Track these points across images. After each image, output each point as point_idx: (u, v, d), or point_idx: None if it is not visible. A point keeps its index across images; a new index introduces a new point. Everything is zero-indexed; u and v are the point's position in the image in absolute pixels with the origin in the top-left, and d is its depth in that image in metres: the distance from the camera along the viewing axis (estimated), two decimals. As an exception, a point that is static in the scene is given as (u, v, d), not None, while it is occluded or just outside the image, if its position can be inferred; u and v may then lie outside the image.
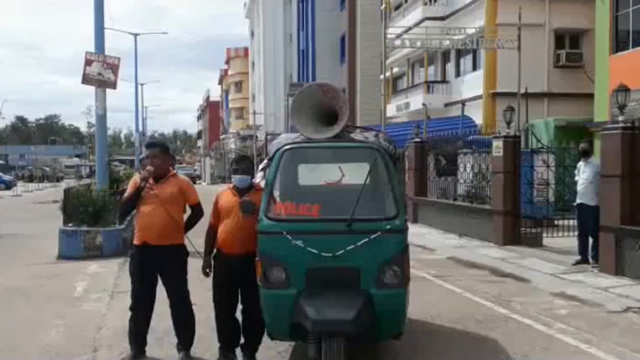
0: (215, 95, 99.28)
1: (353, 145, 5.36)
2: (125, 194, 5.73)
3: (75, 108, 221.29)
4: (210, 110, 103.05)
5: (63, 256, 11.55)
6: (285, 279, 4.89)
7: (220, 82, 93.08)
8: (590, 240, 10.30)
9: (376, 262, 4.86)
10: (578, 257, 10.55)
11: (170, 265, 5.59)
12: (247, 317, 5.55)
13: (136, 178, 5.74)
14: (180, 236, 5.67)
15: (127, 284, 8.96)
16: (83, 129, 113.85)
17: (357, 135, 5.65)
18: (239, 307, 5.61)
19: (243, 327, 5.61)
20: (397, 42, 23.40)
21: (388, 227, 4.90)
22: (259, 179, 5.49)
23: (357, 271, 4.84)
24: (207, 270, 5.65)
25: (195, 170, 68.06)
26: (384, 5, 32.69)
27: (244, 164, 5.68)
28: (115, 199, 12.44)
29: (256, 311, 5.42)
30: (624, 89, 9.72)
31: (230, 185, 5.73)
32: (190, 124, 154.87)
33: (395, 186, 5.21)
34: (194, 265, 5.80)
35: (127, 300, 7.76)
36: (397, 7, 30.62)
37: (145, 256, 5.54)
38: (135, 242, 5.62)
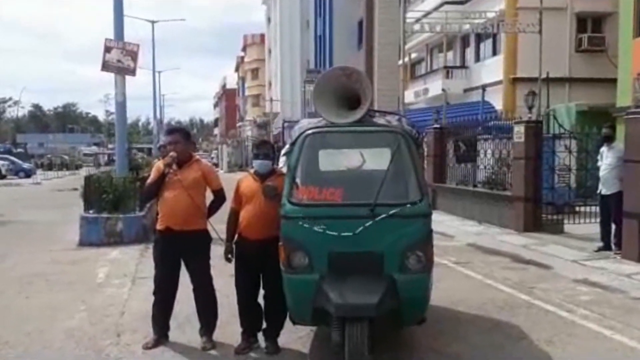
0: (232, 82, 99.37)
1: (376, 130, 5.31)
2: (149, 180, 5.74)
3: (92, 96, 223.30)
4: (227, 98, 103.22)
5: (84, 242, 11.64)
6: (308, 264, 4.87)
7: (237, 70, 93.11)
8: (613, 226, 10.18)
9: (400, 247, 4.82)
10: (600, 244, 10.44)
11: (193, 251, 5.61)
12: (269, 302, 5.56)
13: (159, 164, 5.75)
14: (203, 222, 5.68)
15: (148, 269, 9.07)
16: (101, 117, 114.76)
17: (379, 119, 5.60)
18: (261, 292, 5.62)
19: (265, 312, 5.62)
20: (417, 27, 23.16)
21: (412, 211, 4.85)
22: (282, 164, 5.46)
23: (381, 256, 4.81)
24: (229, 255, 5.65)
25: (212, 158, 68.27)
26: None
27: (265, 148, 5.66)
28: (136, 186, 12.50)
29: (278, 296, 5.42)
30: (648, 73, 9.52)
31: (251, 171, 5.72)
32: (207, 111, 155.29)
33: (419, 171, 5.16)
34: (215, 251, 5.82)
35: (149, 286, 7.83)
36: (416, -8, 30.28)
37: (169, 242, 5.55)
38: (159, 227, 5.63)
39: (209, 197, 5.82)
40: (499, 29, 22.17)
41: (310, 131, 5.26)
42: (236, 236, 5.61)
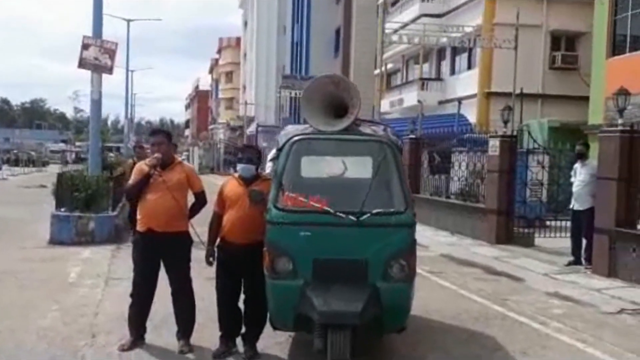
0: (205, 84, 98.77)
1: (364, 139, 5.35)
2: (131, 181, 5.67)
3: (61, 93, 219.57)
4: (199, 100, 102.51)
5: (54, 241, 11.45)
6: (293, 270, 4.87)
7: (211, 72, 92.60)
8: (584, 241, 10.38)
9: (384, 255, 4.86)
10: (571, 258, 10.62)
11: (175, 252, 5.57)
12: (250, 306, 5.54)
13: (142, 165, 5.69)
14: (185, 223, 5.65)
15: (121, 270, 9.04)
16: (69, 114, 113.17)
17: (365, 128, 5.63)
18: (241, 297, 5.60)
19: (245, 316, 5.59)
20: (395, 38, 23.36)
21: (397, 221, 4.89)
22: (268, 169, 5.45)
23: (365, 264, 4.84)
24: (211, 259, 5.62)
25: (183, 159, 67.62)
26: (380, 0, 32.72)
27: (249, 153, 5.65)
28: (110, 185, 12.37)
29: (259, 301, 5.42)
30: (624, 93, 9.76)
31: (236, 175, 5.70)
32: (178, 112, 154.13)
33: (404, 180, 5.21)
34: (193, 254, 5.77)
35: (122, 287, 7.81)
36: (394, 3, 30.58)
37: (150, 243, 5.50)
38: (140, 229, 5.57)
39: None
40: (476, 43, 22.48)
41: (297, 137, 5.28)
42: (218, 240, 5.58)
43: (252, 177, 5.53)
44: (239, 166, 5.60)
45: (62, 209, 11.86)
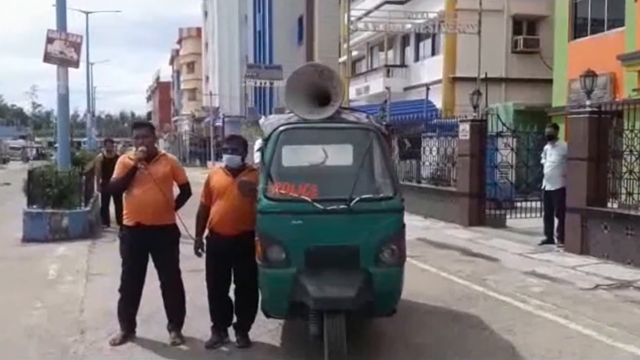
0: (166, 76, 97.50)
1: (350, 126, 5.39)
2: (116, 175, 5.61)
3: (18, 88, 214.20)
4: (161, 91, 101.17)
5: (27, 238, 11.23)
6: (285, 259, 4.91)
7: (172, 63, 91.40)
8: (556, 220, 10.64)
9: (375, 241, 4.93)
10: (544, 237, 10.89)
11: (164, 245, 5.56)
12: (241, 296, 5.57)
13: (126, 159, 5.65)
14: (172, 216, 5.64)
15: (100, 265, 8.98)
16: (27, 109, 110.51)
17: (349, 116, 5.68)
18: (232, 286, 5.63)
19: (236, 306, 5.63)
20: (361, 25, 23.41)
21: (387, 206, 4.97)
22: (257, 159, 5.46)
23: (357, 250, 4.90)
24: (200, 251, 5.62)
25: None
26: (343, -12, 32.69)
27: (234, 143, 5.64)
28: (81, 180, 12.20)
29: (250, 290, 5.47)
30: (591, 75, 10.00)
31: (222, 165, 5.71)
32: (139, 105, 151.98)
33: (391, 166, 5.28)
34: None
35: (104, 282, 7.79)
36: (357, -10, 30.58)
37: (139, 237, 5.47)
38: (127, 223, 5.53)
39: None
40: (440, 29, 22.68)
41: (283, 127, 5.30)
42: (207, 231, 5.59)
43: (239, 167, 5.54)
44: (225, 157, 5.61)
45: (34, 206, 11.66)
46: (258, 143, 5.69)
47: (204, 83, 69.83)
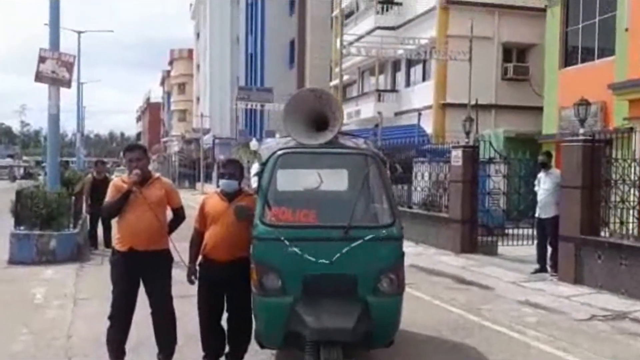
0: (157, 96, 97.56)
1: (348, 152, 5.33)
2: (109, 198, 5.48)
3: (6, 106, 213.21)
4: (151, 112, 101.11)
5: (14, 261, 11.02)
6: (282, 287, 4.80)
7: (162, 84, 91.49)
8: (549, 249, 10.59)
9: (373, 270, 4.84)
10: (537, 266, 10.82)
11: (156, 271, 5.40)
12: (234, 324, 5.43)
13: (119, 182, 5.53)
14: (166, 241, 5.50)
15: (88, 289, 8.79)
16: (15, 128, 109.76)
17: (346, 141, 5.62)
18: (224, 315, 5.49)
19: (228, 335, 5.48)
20: (353, 50, 23.53)
21: (386, 234, 4.88)
22: (254, 184, 5.37)
23: (355, 279, 4.81)
24: (193, 277, 5.49)
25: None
26: (334, 12, 32.94)
27: (231, 167, 5.55)
28: (70, 202, 12.03)
29: (243, 319, 5.34)
30: (584, 103, 10.04)
31: (218, 190, 5.61)
32: (129, 125, 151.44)
33: (390, 193, 5.21)
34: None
35: (92, 307, 7.61)
36: (349, 15, 30.82)
37: (131, 263, 5.32)
38: (119, 248, 5.38)
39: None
40: (431, 55, 22.83)
41: (281, 152, 5.22)
42: (200, 257, 5.46)
43: (235, 192, 5.44)
44: (221, 182, 5.50)
45: (21, 227, 11.45)
46: (255, 167, 5.60)
47: (194, 104, 69.84)
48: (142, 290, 5.51)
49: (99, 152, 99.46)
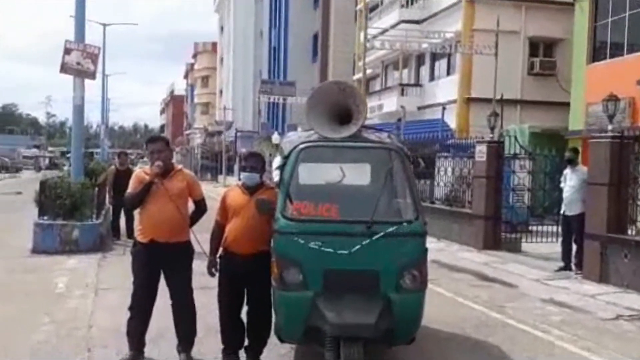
0: (180, 89, 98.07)
1: (372, 146, 5.26)
2: (131, 190, 5.47)
3: (33, 97, 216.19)
4: (174, 105, 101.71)
5: (37, 250, 11.11)
6: (303, 281, 4.75)
7: (186, 76, 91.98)
8: (574, 247, 10.41)
9: (396, 265, 4.76)
10: (561, 264, 10.64)
11: (177, 263, 5.40)
12: (254, 318, 5.40)
13: (141, 174, 5.52)
14: (187, 233, 5.48)
15: (109, 280, 8.84)
16: (41, 119, 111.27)
17: (370, 135, 5.55)
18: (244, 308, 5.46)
19: (248, 329, 5.45)
20: (377, 44, 23.36)
21: (409, 230, 4.80)
22: (275, 177, 5.32)
23: (377, 274, 4.74)
24: (213, 270, 5.46)
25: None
26: (359, 6, 32.76)
27: (253, 160, 5.50)
28: (94, 192, 12.12)
29: (263, 312, 5.31)
30: (614, 99, 9.83)
31: (239, 183, 5.57)
32: (152, 117, 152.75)
33: (414, 189, 5.11)
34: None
35: (113, 297, 7.65)
36: (373, 9, 30.62)
37: (153, 254, 5.31)
38: (141, 239, 5.38)
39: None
40: (456, 49, 22.58)
41: (304, 145, 5.15)
42: (221, 250, 5.43)
43: (256, 185, 5.39)
44: (243, 174, 5.47)
45: (45, 217, 11.55)
46: (277, 161, 5.54)
47: (217, 97, 70.11)
48: (162, 281, 5.51)
49: (123, 143, 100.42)
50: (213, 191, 27.15)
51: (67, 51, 12.77)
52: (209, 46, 76.43)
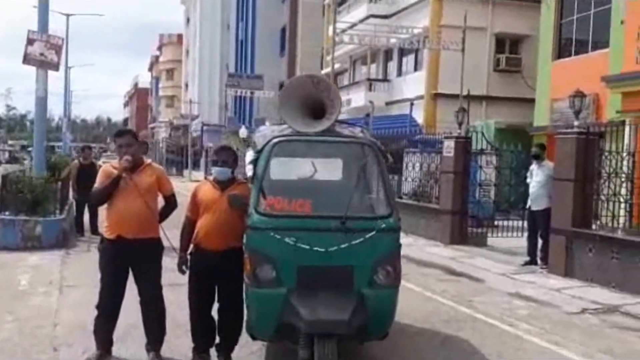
0: (145, 82, 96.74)
1: (346, 141, 5.21)
2: (99, 184, 5.33)
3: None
4: (139, 98, 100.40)
5: (-2, 246, 10.83)
6: (276, 277, 4.68)
7: (151, 69, 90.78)
8: (540, 241, 10.56)
9: (370, 261, 4.74)
10: (527, 258, 10.79)
11: (146, 260, 5.27)
12: (225, 315, 5.30)
13: (109, 168, 5.38)
14: (156, 229, 5.35)
15: (74, 277, 8.65)
16: (1, 111, 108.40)
17: (343, 130, 5.51)
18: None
19: (219, 326, 5.37)
20: (346, 38, 23.35)
21: (383, 225, 4.78)
22: (249, 172, 5.24)
23: (350, 270, 4.71)
24: (183, 267, 5.36)
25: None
26: (326, 0, 32.72)
27: (224, 155, 5.39)
28: (57, 187, 11.84)
29: (234, 310, 5.23)
30: (580, 95, 9.97)
31: (210, 178, 5.47)
32: (115, 110, 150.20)
33: (388, 183, 5.10)
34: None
35: (78, 295, 7.49)
36: (342, 3, 30.59)
37: (120, 251, 5.18)
38: (108, 235, 5.24)
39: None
40: (424, 44, 22.70)
41: (277, 139, 5.08)
42: (192, 246, 5.34)
43: (228, 180, 5.30)
44: (214, 169, 5.36)
45: (6, 213, 11.24)
46: (249, 155, 5.45)
47: (183, 90, 69.33)
48: (130, 278, 5.39)
49: (85, 137, 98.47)
50: (180, 186, 26.79)
51: (30, 42, 12.45)
52: (175, 38, 75.55)
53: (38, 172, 12.23)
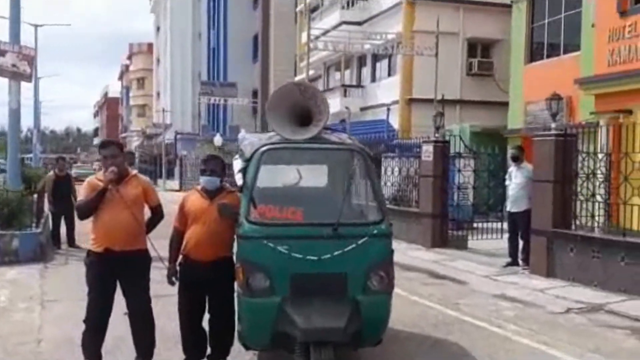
0: (115, 91, 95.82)
1: (335, 147, 5.19)
2: (84, 197, 5.22)
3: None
4: (109, 107, 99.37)
5: (-27, 262, 10.58)
6: (270, 286, 4.64)
7: (121, 78, 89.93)
8: (521, 242, 10.65)
9: (363, 267, 4.73)
10: (508, 259, 10.88)
11: (134, 272, 5.18)
12: (216, 326, 5.25)
13: (94, 180, 5.28)
14: (144, 240, 5.27)
15: (54, 291, 8.49)
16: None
17: (331, 136, 5.49)
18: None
19: (210, 337, 5.31)
20: (320, 45, 23.40)
21: (375, 231, 4.77)
22: (239, 181, 5.19)
23: (344, 277, 4.69)
24: (173, 279, 5.29)
25: (95, 169, 65.03)
26: (299, 7, 32.76)
27: (213, 164, 5.33)
28: (32, 200, 11.62)
29: (225, 320, 5.17)
30: (557, 97, 10.11)
31: (198, 187, 5.41)
32: (85, 121, 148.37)
33: (378, 189, 5.10)
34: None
35: (61, 309, 7.35)
36: (314, 10, 30.67)
37: (108, 264, 5.08)
38: (95, 249, 5.14)
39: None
40: (398, 50, 22.85)
41: (266, 147, 5.05)
42: (181, 257, 5.27)
43: (216, 189, 5.25)
44: (202, 178, 5.30)
45: (-18, 227, 11.01)
46: (238, 164, 5.41)
47: (154, 99, 68.77)
48: (118, 290, 5.29)
49: (55, 148, 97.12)
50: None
51: (2, 53, 12.25)
52: (145, 47, 75.00)
53: (13, 185, 12.00)
